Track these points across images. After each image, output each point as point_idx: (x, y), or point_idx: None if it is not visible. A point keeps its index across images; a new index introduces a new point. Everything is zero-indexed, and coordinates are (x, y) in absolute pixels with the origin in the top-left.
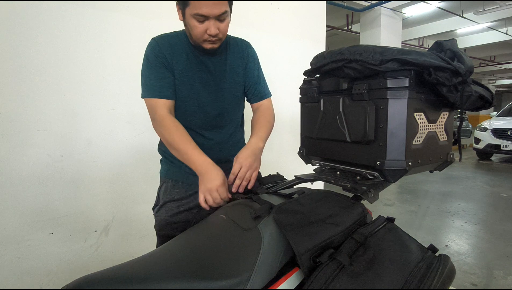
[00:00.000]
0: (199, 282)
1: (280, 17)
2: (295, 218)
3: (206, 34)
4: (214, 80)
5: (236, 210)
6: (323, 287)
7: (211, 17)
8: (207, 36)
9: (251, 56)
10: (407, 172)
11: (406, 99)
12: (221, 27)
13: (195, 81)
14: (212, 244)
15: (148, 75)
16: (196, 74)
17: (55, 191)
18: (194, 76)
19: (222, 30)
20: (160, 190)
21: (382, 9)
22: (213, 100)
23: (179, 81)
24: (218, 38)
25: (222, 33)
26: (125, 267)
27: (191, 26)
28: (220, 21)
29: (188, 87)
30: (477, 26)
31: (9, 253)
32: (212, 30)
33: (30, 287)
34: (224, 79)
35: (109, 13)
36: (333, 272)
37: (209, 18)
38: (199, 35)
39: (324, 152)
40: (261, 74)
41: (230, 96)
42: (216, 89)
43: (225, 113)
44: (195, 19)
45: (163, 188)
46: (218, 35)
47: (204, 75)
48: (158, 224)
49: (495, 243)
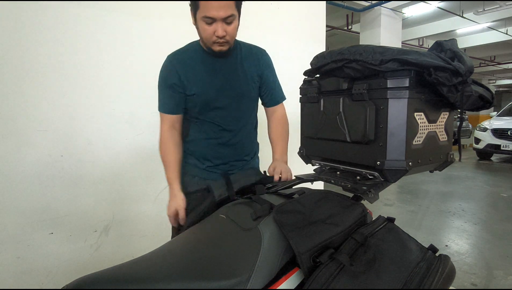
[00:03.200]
0: (199, 282)
1: (280, 17)
2: (295, 218)
3: (214, 36)
4: (230, 85)
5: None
6: (323, 287)
7: (218, 20)
8: (215, 38)
9: (267, 63)
10: (407, 172)
11: (406, 99)
12: (229, 29)
13: (212, 88)
14: (212, 244)
15: (160, 92)
16: (214, 81)
17: (55, 191)
18: (211, 84)
19: (229, 32)
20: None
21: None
22: (230, 105)
23: (197, 89)
24: (225, 40)
25: (230, 35)
26: (125, 267)
27: (201, 29)
28: (227, 23)
29: (205, 94)
30: (477, 26)
31: (9, 253)
32: (220, 32)
33: (30, 287)
34: (240, 83)
35: (109, 13)
36: (333, 272)
37: (216, 20)
38: (208, 37)
39: (324, 152)
40: (277, 80)
41: (246, 101)
42: (232, 94)
43: (241, 116)
44: (203, 22)
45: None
46: (225, 37)
47: (220, 82)
48: None
49: (495, 243)
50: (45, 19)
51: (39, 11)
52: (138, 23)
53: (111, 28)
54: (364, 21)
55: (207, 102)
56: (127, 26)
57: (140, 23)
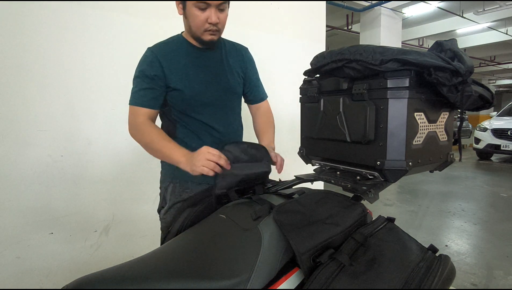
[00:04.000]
0: (199, 282)
1: (280, 17)
2: (295, 218)
3: (207, 23)
4: (216, 80)
5: (236, 210)
6: (323, 287)
7: (212, 5)
8: (208, 25)
9: (251, 60)
10: (407, 172)
11: (406, 99)
12: (221, 17)
13: (198, 82)
14: (212, 244)
15: (135, 85)
16: (199, 75)
17: (55, 191)
18: (197, 78)
19: (221, 20)
20: (165, 191)
21: (382, 9)
22: (217, 100)
23: (182, 84)
24: (217, 28)
25: (222, 23)
26: (125, 267)
27: (192, 16)
28: (220, 10)
29: (191, 89)
30: (477, 26)
31: (9, 253)
32: (213, 18)
33: (30, 287)
34: (226, 78)
35: (109, 13)
36: (333, 272)
37: (210, 6)
38: (199, 24)
39: (324, 152)
40: (259, 77)
41: (233, 96)
42: (219, 88)
43: (229, 113)
44: (196, 8)
45: (170, 189)
46: (218, 25)
47: (206, 76)
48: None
49: (495, 243)
50: (45, 19)
51: (39, 11)
52: (138, 23)
53: (111, 28)
54: (364, 21)
55: (194, 97)
56: (128, 26)
57: (140, 23)
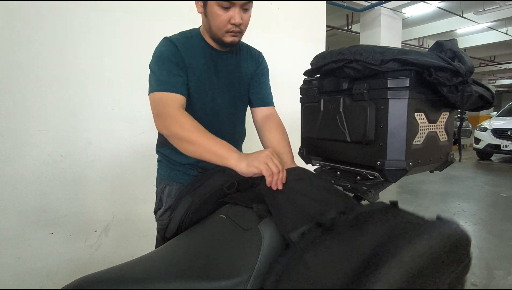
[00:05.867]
0: (199, 282)
1: (280, 17)
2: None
3: (229, 24)
4: (228, 87)
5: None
6: (307, 248)
7: (236, 5)
8: (230, 26)
9: (266, 68)
10: (407, 172)
11: (407, 99)
12: (245, 17)
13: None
14: (212, 244)
15: (160, 70)
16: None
17: (55, 191)
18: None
19: (245, 21)
20: (162, 193)
21: (382, 9)
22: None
23: (195, 86)
24: (240, 30)
25: (245, 24)
26: (125, 267)
27: (213, 16)
28: (244, 10)
29: (203, 93)
30: (477, 26)
31: (9, 253)
32: (237, 19)
33: (30, 287)
34: (238, 86)
35: (109, 13)
36: (318, 236)
37: (234, 5)
38: (221, 25)
39: (324, 152)
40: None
41: (241, 105)
42: (229, 97)
43: (236, 120)
44: (219, 7)
45: (167, 191)
46: (241, 26)
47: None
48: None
49: (495, 243)
50: (45, 19)
51: (39, 11)
52: (138, 23)
53: (112, 28)
54: (364, 21)
55: (203, 102)
56: (128, 26)
57: (141, 23)
